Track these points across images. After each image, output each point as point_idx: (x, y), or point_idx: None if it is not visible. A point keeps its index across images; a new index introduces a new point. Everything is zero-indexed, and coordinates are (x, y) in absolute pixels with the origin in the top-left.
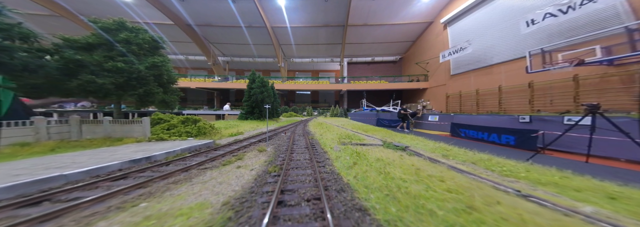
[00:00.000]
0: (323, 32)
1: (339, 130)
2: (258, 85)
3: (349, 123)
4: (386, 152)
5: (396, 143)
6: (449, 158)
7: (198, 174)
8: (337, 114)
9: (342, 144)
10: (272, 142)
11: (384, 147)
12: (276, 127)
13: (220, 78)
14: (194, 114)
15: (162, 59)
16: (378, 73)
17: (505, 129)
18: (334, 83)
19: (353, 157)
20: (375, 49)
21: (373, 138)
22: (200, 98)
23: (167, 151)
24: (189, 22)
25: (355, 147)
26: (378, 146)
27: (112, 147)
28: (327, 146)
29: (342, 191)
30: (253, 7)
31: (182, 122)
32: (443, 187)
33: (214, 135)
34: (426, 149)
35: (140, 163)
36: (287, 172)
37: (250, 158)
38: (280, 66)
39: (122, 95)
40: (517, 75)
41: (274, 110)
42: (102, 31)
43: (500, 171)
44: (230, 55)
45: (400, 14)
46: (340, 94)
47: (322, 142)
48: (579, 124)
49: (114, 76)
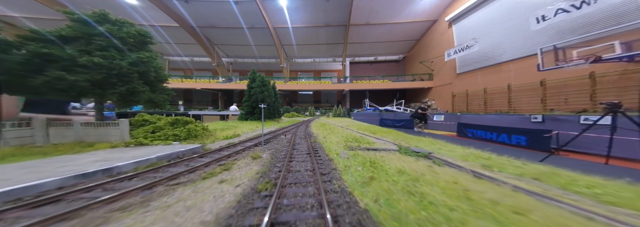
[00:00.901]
0: (325, 32)
1: (343, 131)
2: (258, 84)
3: (353, 123)
4: (407, 161)
5: (415, 148)
6: (493, 170)
7: (164, 193)
8: (340, 114)
9: (349, 148)
10: (270, 147)
11: (401, 154)
12: (276, 128)
13: (224, 79)
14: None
15: (148, 55)
16: (381, 72)
17: (515, 129)
18: (336, 83)
19: (367, 168)
20: (377, 48)
21: (384, 141)
22: (205, 99)
23: (139, 159)
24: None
25: (365, 153)
26: (393, 152)
27: (76, 154)
28: (332, 152)
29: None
30: (255, 8)
31: (172, 124)
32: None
33: (206, 138)
34: (454, 156)
35: (93, 178)
36: (282, 190)
37: (240, 168)
38: (283, 67)
39: (101, 94)
40: (528, 73)
41: (275, 111)
42: (79, 23)
43: (593, 195)
44: (233, 57)
45: (402, 13)
46: (343, 93)
47: (326, 146)
48: (597, 124)
49: (90, 73)
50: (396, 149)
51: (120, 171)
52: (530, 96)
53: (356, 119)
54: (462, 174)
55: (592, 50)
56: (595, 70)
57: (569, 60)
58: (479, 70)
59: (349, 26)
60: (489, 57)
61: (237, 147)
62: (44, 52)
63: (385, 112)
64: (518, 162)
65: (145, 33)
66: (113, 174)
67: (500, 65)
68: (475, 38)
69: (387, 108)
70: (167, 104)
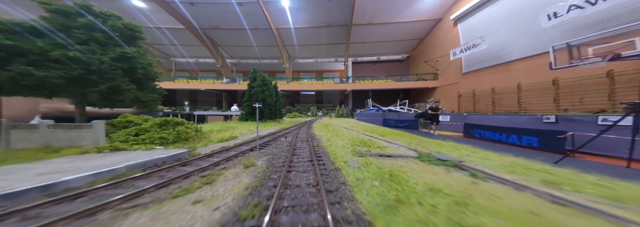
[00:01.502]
0: (327, 32)
1: (349, 133)
2: (259, 84)
3: (357, 124)
4: (435, 173)
5: (439, 155)
6: (564, 189)
7: (107, 223)
8: (343, 115)
9: (358, 154)
10: (268, 151)
11: (424, 162)
12: (277, 129)
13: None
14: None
15: (135, 50)
16: (384, 72)
17: (526, 130)
18: (338, 83)
19: (386, 183)
20: (380, 47)
21: (396, 145)
22: (209, 99)
23: (102, 170)
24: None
25: (379, 160)
26: (412, 159)
27: (32, 163)
28: (338, 158)
29: None
30: (258, 9)
31: (161, 125)
32: None
33: (199, 141)
34: (493, 166)
35: (19, 199)
36: (274, 219)
37: (227, 180)
38: (285, 67)
39: (78, 92)
40: (539, 72)
41: (277, 111)
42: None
43: None
44: (237, 58)
45: (406, 12)
46: (345, 94)
47: (331, 151)
48: (617, 125)
49: (65, 68)
50: (415, 156)
51: (69, 186)
52: (541, 96)
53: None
54: (529, 196)
55: (610, 48)
56: (614, 68)
57: (584, 58)
58: (486, 70)
59: (351, 26)
60: (497, 56)
61: (230, 152)
62: (8, 44)
63: (388, 112)
64: (591, 177)
65: (134, 27)
66: (55, 192)
67: (508, 64)
68: (482, 36)
69: (390, 108)
70: (158, 104)
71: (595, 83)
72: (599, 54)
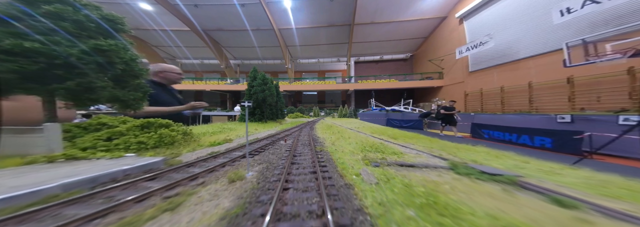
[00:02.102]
0: (329, 32)
1: (356, 135)
2: (259, 83)
3: (362, 125)
4: (491, 194)
5: (480, 166)
6: None
7: None
8: (346, 115)
9: (372, 164)
10: (262, 159)
11: (462, 175)
12: (277, 131)
13: (232, 80)
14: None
15: (113, 43)
16: (387, 71)
17: (539, 130)
18: (340, 83)
19: (425, 213)
20: (383, 47)
21: (415, 151)
22: (214, 100)
23: (24, 191)
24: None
25: (400, 171)
26: (443, 171)
27: None
28: (348, 169)
29: None
30: (260, 11)
31: (143, 127)
32: None
33: (186, 145)
34: (570, 184)
35: None
36: None
37: (198, 204)
38: (288, 68)
39: (38, 89)
40: (551, 70)
41: (278, 111)
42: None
43: None
44: (240, 58)
45: (409, 11)
46: (348, 94)
47: (338, 158)
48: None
49: (19, 61)
50: (446, 166)
51: None
52: (553, 95)
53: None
54: None
55: (631, 44)
56: (635, 65)
57: (601, 54)
58: (494, 68)
59: (353, 25)
60: (505, 54)
61: (218, 159)
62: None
63: (392, 112)
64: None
65: (115, 18)
66: None
67: (518, 62)
68: (489, 34)
69: (394, 108)
70: (143, 104)
71: (614, 81)
72: (618, 50)
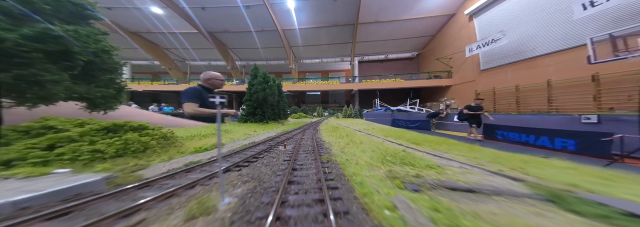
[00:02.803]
0: (332, 32)
1: (368, 139)
2: (260, 81)
3: (371, 126)
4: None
5: (630, 206)
6: None
7: None
8: (351, 115)
9: (408, 186)
10: (251, 173)
11: (589, 219)
12: (277, 133)
13: (238, 81)
14: None
15: (71, 28)
16: (392, 71)
17: (560, 131)
18: (344, 83)
19: None
20: (388, 46)
21: (458, 163)
22: None
23: None
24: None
25: (456, 202)
26: (528, 201)
27: None
28: (372, 195)
29: None
30: (265, 12)
31: (109, 131)
32: None
33: (162, 153)
34: None
35: None
36: None
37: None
38: (291, 68)
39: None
40: (572, 67)
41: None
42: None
43: None
44: (246, 59)
45: (415, 8)
46: (351, 93)
47: (352, 174)
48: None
49: None
50: (532, 194)
51: None
52: (575, 93)
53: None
54: None
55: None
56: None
57: (633, 49)
58: (507, 66)
59: (357, 25)
60: (520, 51)
61: (191, 174)
62: None
63: (397, 112)
64: None
65: (82, 2)
66: None
67: (534, 59)
68: (502, 30)
69: (399, 108)
70: (117, 102)
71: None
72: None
